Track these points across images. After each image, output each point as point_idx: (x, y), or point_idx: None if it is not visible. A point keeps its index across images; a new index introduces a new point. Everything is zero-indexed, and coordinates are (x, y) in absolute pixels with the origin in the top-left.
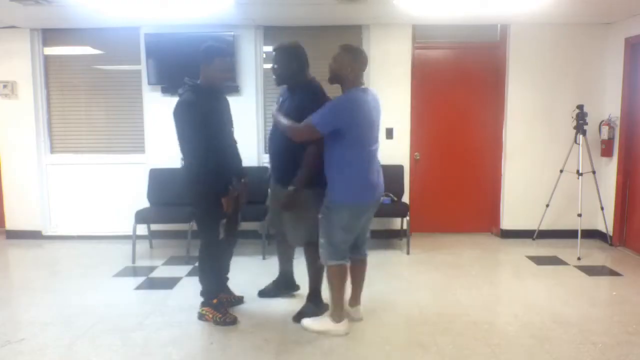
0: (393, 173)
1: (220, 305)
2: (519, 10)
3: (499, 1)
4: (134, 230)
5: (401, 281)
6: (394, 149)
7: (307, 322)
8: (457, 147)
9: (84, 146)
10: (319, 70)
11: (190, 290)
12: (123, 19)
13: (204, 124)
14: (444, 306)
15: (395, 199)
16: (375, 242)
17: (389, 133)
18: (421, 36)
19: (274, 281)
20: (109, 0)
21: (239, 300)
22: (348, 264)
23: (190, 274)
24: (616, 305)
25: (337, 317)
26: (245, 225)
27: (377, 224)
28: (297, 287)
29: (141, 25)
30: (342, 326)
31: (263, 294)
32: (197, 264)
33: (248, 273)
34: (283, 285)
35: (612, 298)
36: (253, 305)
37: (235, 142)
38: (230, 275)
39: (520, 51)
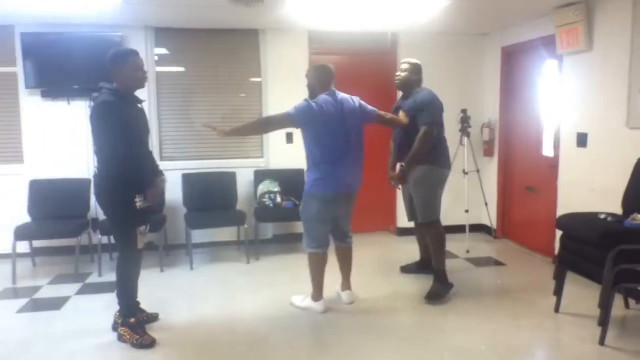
0: (294, 177)
1: (137, 326)
2: (405, 21)
3: (387, 13)
4: (14, 247)
5: (305, 284)
6: (294, 153)
7: (294, 298)
8: None
9: None
10: (216, 73)
11: (80, 310)
12: None
13: (122, 126)
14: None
15: (298, 202)
16: (278, 247)
17: (289, 137)
18: (317, 42)
19: (416, 262)
20: None
21: (153, 317)
22: (323, 252)
23: (80, 292)
24: (501, 293)
25: (315, 297)
26: None
27: (280, 228)
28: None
29: (16, 24)
30: (319, 305)
31: (405, 269)
32: (114, 279)
33: (146, 287)
34: (423, 268)
35: (497, 286)
36: (170, 320)
37: (151, 152)
38: None
39: (408, 58)
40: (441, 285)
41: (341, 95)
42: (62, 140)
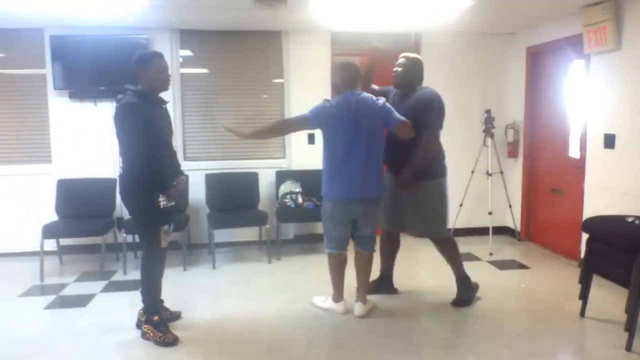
0: (316, 178)
1: (160, 324)
2: (429, 21)
3: (410, 14)
4: (42, 245)
5: (327, 285)
6: (316, 154)
7: (316, 299)
8: None
9: None
10: (239, 74)
11: (105, 308)
12: (25, 19)
13: (146, 128)
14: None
15: (319, 203)
16: (300, 247)
17: (311, 138)
18: (340, 42)
19: (373, 280)
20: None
21: (176, 316)
22: (339, 253)
23: (105, 289)
24: (526, 297)
25: (336, 298)
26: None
27: (301, 228)
28: (395, 290)
29: (45, 27)
30: (340, 306)
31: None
32: (139, 277)
33: (169, 285)
34: (383, 286)
35: (521, 290)
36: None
37: (175, 152)
38: None
39: (432, 59)
40: (467, 291)
41: (362, 95)
42: (89, 140)
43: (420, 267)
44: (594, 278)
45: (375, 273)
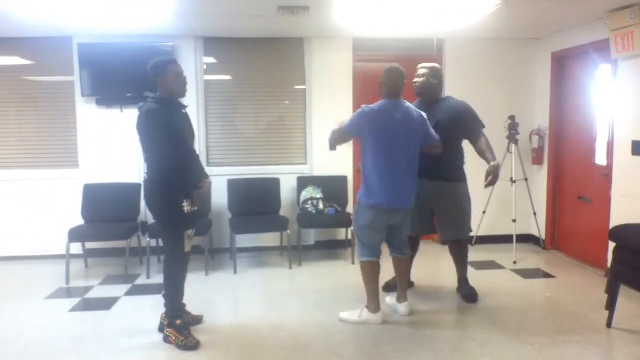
0: (337, 184)
1: (183, 327)
2: (452, 27)
3: (434, 19)
4: (67, 248)
5: (347, 291)
6: (337, 160)
7: (344, 315)
8: None
9: (12, 161)
10: (261, 81)
11: (129, 311)
12: (54, 27)
13: (167, 132)
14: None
15: (340, 209)
16: (320, 253)
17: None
18: (362, 49)
19: (393, 279)
20: (40, 9)
21: (198, 319)
22: (375, 261)
23: (128, 293)
24: (550, 306)
25: (372, 308)
26: None
27: (321, 234)
28: (411, 284)
29: (74, 35)
30: (377, 316)
31: (388, 287)
32: (162, 281)
33: (192, 289)
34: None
35: (546, 299)
36: (214, 322)
37: (197, 155)
38: None
39: (455, 64)
40: (469, 285)
41: (406, 104)
42: (114, 146)
43: (440, 271)
44: (620, 288)
45: (390, 273)
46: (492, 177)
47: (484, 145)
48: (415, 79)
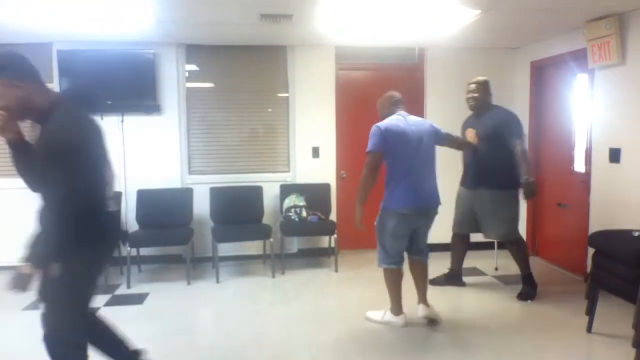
0: (320, 192)
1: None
2: (433, 36)
3: (414, 29)
4: None
5: (330, 299)
6: (321, 167)
7: (371, 314)
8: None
9: None
10: (244, 89)
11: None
12: (34, 34)
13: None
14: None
15: (323, 217)
16: (303, 261)
17: (315, 152)
18: (344, 57)
19: (445, 274)
20: (19, 15)
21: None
22: (398, 268)
23: (108, 303)
24: (531, 312)
25: (395, 311)
26: (169, 250)
27: (305, 242)
28: (463, 283)
29: (53, 41)
30: (400, 319)
31: (434, 282)
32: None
33: (172, 299)
34: (453, 279)
35: (527, 305)
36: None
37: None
38: (154, 301)
39: (436, 73)
40: (530, 286)
41: (410, 116)
42: None
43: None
44: (600, 293)
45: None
46: (525, 194)
47: (518, 155)
48: (469, 95)
